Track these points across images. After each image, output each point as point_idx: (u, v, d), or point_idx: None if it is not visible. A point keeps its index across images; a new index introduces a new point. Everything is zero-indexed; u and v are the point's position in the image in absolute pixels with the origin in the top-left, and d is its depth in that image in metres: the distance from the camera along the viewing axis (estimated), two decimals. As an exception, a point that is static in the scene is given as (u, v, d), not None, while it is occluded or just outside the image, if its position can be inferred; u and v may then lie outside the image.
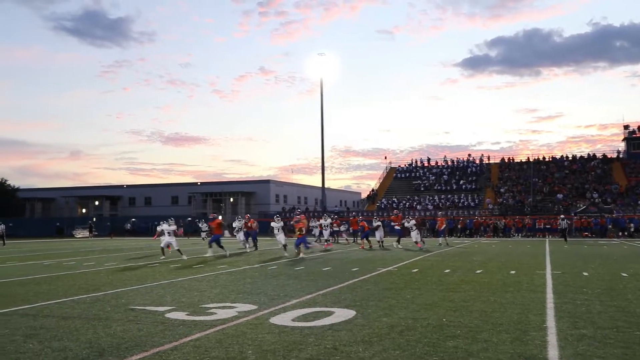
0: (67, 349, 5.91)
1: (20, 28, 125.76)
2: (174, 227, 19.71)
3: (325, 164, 54.41)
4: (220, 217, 22.20)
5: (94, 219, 63.30)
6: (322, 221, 28.91)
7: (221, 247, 20.18)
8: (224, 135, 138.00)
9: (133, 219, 61.26)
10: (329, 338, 6.25)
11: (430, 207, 56.00)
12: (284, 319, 7.40)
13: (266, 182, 75.57)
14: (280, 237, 20.98)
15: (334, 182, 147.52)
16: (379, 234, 27.50)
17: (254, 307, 8.44)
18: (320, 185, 60.84)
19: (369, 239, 26.89)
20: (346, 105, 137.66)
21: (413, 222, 26.85)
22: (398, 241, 27.02)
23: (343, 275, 13.14)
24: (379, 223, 28.19)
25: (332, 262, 17.48)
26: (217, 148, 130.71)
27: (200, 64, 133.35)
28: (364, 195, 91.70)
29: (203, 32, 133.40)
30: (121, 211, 78.27)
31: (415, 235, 25.87)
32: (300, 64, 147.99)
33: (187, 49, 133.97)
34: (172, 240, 19.37)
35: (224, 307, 8.42)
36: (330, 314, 7.80)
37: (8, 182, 76.40)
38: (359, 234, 29.61)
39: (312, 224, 33.15)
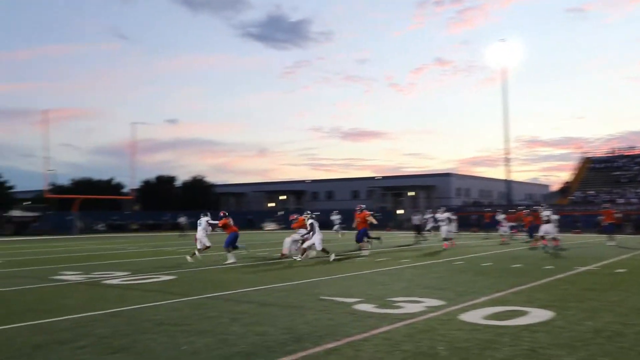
0: (268, 333, 6.30)
1: (214, 37, 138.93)
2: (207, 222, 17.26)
3: (510, 156, 51.68)
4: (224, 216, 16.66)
5: (281, 213, 67.50)
6: (438, 215, 25.28)
7: (235, 247, 16.47)
8: (402, 129, 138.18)
9: (317, 213, 64.05)
10: (525, 339, 5.85)
11: (634, 200, 50.25)
12: (474, 316, 7.11)
13: (447, 175, 74.12)
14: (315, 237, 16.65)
15: (519, 174, 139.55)
16: (544, 228, 23.92)
17: (442, 302, 8.25)
18: (504, 178, 58.01)
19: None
20: (532, 92, 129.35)
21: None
22: (609, 239, 24.48)
23: (535, 273, 12.31)
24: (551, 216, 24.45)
25: (522, 259, 16.50)
26: (394, 142, 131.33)
27: (376, 59, 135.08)
28: (554, 188, 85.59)
29: (378, 28, 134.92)
30: (305, 205, 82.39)
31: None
32: (479, 52, 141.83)
33: (363, 45, 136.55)
34: (203, 237, 16.91)
35: (411, 302, 8.36)
36: (524, 313, 7.32)
37: (206, 179, 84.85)
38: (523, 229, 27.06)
39: (426, 216, 31.44)
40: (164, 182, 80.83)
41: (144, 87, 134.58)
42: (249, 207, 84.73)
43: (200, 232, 16.99)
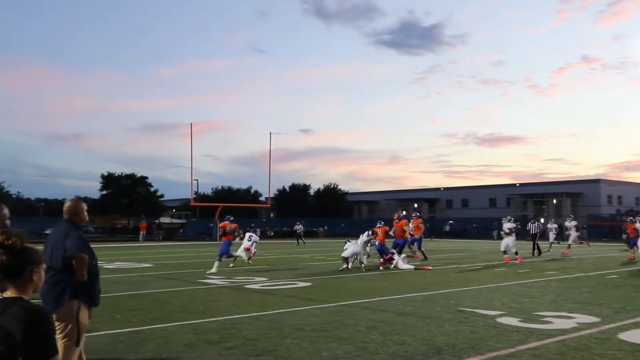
0: (406, 343, 6.18)
1: (347, 47, 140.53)
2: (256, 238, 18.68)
3: (669, 159, 46.67)
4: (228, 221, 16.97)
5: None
6: (505, 224, 20.77)
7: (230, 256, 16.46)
8: (543, 133, 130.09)
9: (451, 221, 62.50)
10: (702, 365, 5.18)
11: None
12: (637, 337, 6.43)
13: (595, 181, 68.83)
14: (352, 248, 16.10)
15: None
16: None
17: (596, 319, 7.58)
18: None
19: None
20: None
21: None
22: None
23: None
24: None
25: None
26: (535, 147, 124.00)
27: (514, 60, 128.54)
28: None
29: (517, 26, 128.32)
30: (439, 213, 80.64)
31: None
32: (633, 47, 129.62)
33: (499, 46, 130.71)
34: (242, 249, 17.90)
35: (560, 317, 7.78)
36: (697, 336, 6.49)
37: (339, 187, 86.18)
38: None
39: (550, 225, 28.36)
40: (299, 191, 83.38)
41: (280, 99, 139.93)
42: (381, 215, 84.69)
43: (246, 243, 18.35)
